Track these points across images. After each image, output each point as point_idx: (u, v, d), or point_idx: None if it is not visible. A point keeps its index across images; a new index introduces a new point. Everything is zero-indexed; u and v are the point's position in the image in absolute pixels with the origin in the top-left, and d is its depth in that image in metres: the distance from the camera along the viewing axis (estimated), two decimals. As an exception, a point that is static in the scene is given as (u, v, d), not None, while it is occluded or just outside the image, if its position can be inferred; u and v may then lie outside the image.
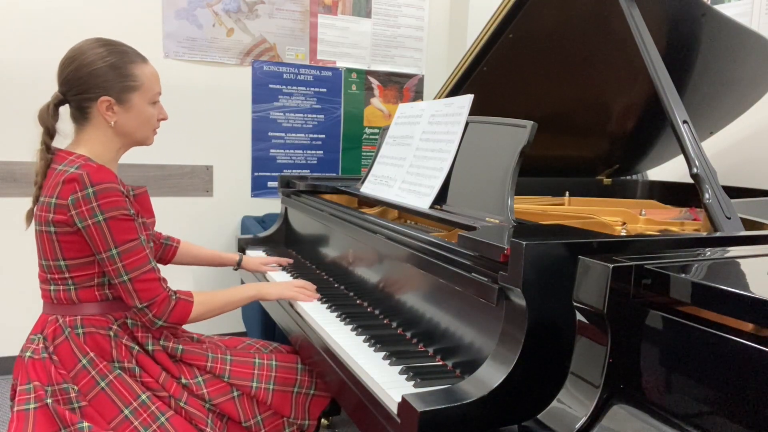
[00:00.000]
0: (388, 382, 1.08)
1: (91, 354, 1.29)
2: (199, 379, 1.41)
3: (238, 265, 1.92)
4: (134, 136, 1.39)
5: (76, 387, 1.27)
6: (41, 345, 1.30)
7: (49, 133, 1.34)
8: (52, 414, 1.22)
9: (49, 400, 1.23)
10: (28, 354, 1.30)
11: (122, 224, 1.26)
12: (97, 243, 1.25)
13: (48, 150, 1.33)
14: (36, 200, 1.34)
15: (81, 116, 1.35)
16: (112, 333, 1.32)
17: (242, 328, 2.95)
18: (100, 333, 1.31)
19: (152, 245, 1.46)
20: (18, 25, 2.55)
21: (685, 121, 1.31)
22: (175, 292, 1.33)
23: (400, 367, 1.14)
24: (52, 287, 1.32)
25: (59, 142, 1.38)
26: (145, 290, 1.28)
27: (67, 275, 1.30)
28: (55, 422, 1.22)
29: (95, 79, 1.31)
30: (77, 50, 1.33)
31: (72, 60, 1.32)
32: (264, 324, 2.34)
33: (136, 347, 1.35)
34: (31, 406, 1.23)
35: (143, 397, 1.29)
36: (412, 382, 1.08)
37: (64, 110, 1.37)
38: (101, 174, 1.26)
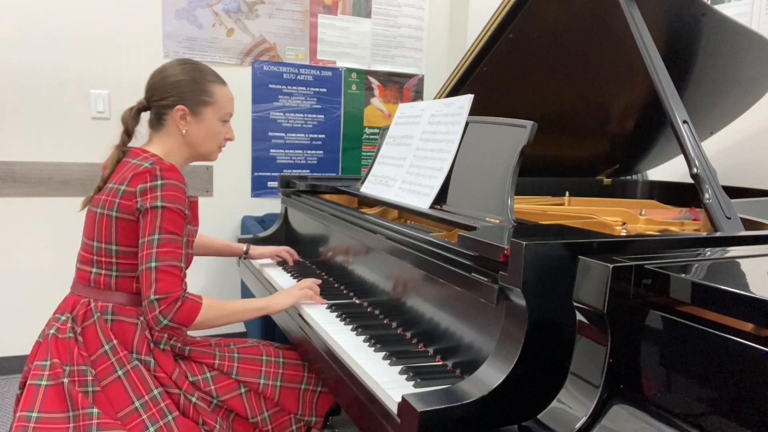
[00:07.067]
0: (388, 382, 1.08)
1: (114, 341, 1.32)
2: (207, 375, 1.42)
3: (246, 254, 1.99)
4: (200, 148, 1.50)
5: (93, 371, 1.29)
6: (69, 324, 1.33)
7: (128, 133, 1.47)
8: (65, 394, 1.24)
9: (65, 380, 1.25)
10: (52, 331, 1.32)
11: (174, 217, 1.33)
12: (146, 225, 1.31)
13: (123, 146, 1.45)
14: (98, 190, 1.42)
15: (157, 122, 1.47)
16: (138, 323, 1.35)
17: (242, 329, 2.96)
18: (127, 322, 1.34)
19: (191, 252, 1.49)
20: (18, 25, 2.55)
21: (685, 121, 1.31)
22: (186, 293, 1.33)
23: (400, 367, 1.14)
24: (94, 269, 1.37)
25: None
26: (165, 282, 1.28)
27: (113, 260, 1.36)
28: (65, 403, 1.23)
29: (175, 90, 1.43)
30: (168, 63, 1.49)
31: (161, 71, 1.47)
32: (264, 324, 2.34)
33: (153, 342, 1.37)
34: (44, 382, 1.25)
35: (155, 392, 1.31)
36: (412, 382, 1.08)
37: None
38: (173, 172, 1.36)
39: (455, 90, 1.97)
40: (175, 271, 1.30)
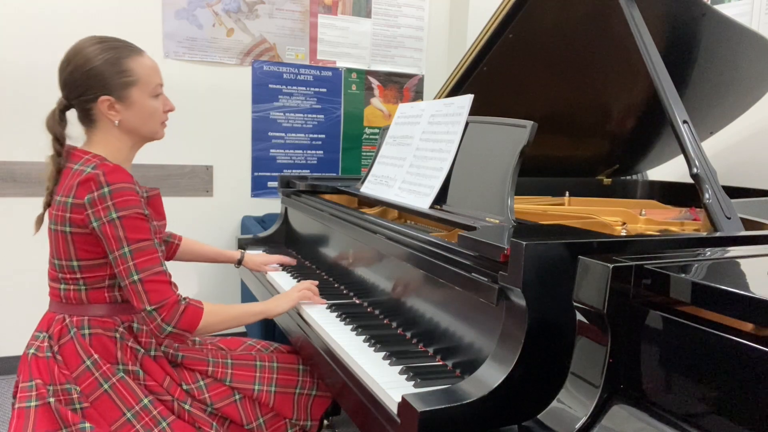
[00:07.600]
0: (388, 382, 1.08)
1: (95, 356, 1.28)
2: (201, 383, 1.40)
3: (240, 263, 1.92)
4: (141, 132, 1.38)
5: (78, 388, 1.26)
6: (46, 343, 1.30)
7: (58, 140, 1.33)
8: (54, 413, 1.22)
9: (51, 399, 1.23)
10: (32, 351, 1.30)
11: (136, 223, 1.25)
12: (110, 241, 1.24)
13: (59, 156, 1.33)
14: (47, 205, 1.34)
15: (86, 118, 1.34)
16: (118, 335, 1.31)
17: (242, 328, 2.95)
18: (106, 335, 1.30)
19: (164, 249, 1.44)
20: (18, 26, 2.55)
21: (685, 121, 1.31)
22: (185, 298, 1.29)
23: (400, 367, 1.14)
24: (62, 286, 1.31)
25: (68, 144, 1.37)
26: (155, 291, 1.24)
27: (78, 276, 1.29)
28: (56, 421, 1.22)
29: (92, 80, 1.29)
30: (72, 51, 1.32)
31: (68, 62, 1.32)
32: (264, 324, 2.34)
33: (142, 350, 1.34)
34: (33, 403, 1.23)
35: (145, 401, 1.28)
36: (412, 382, 1.08)
37: (71, 114, 1.37)
38: (117, 174, 1.26)
39: (455, 90, 1.97)
40: (160, 278, 1.26)
